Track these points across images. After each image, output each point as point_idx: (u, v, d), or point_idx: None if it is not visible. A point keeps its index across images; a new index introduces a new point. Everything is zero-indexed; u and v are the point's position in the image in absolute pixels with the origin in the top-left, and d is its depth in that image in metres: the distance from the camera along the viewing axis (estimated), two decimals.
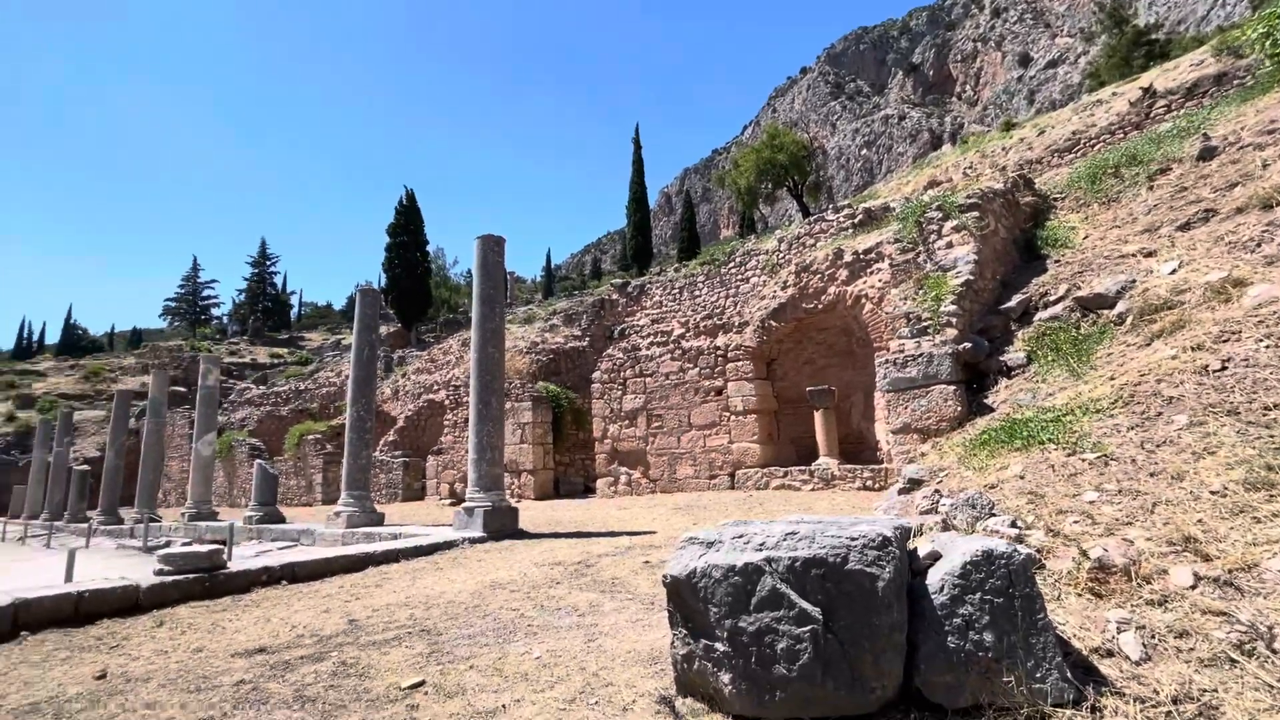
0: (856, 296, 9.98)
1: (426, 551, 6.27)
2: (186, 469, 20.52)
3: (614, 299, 19.86)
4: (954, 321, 7.26)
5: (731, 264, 16.80)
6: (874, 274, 9.83)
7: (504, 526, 7.47)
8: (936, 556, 2.21)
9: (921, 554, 2.23)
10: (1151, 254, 6.66)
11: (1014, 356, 6.69)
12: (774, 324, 10.95)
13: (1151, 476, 3.11)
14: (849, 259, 10.24)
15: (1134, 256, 6.84)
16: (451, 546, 6.53)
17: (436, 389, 18.69)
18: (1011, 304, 7.62)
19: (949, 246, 8.47)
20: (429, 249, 41.94)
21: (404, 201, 40.31)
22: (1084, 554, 2.59)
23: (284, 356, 49.85)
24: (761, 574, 2.07)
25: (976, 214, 8.53)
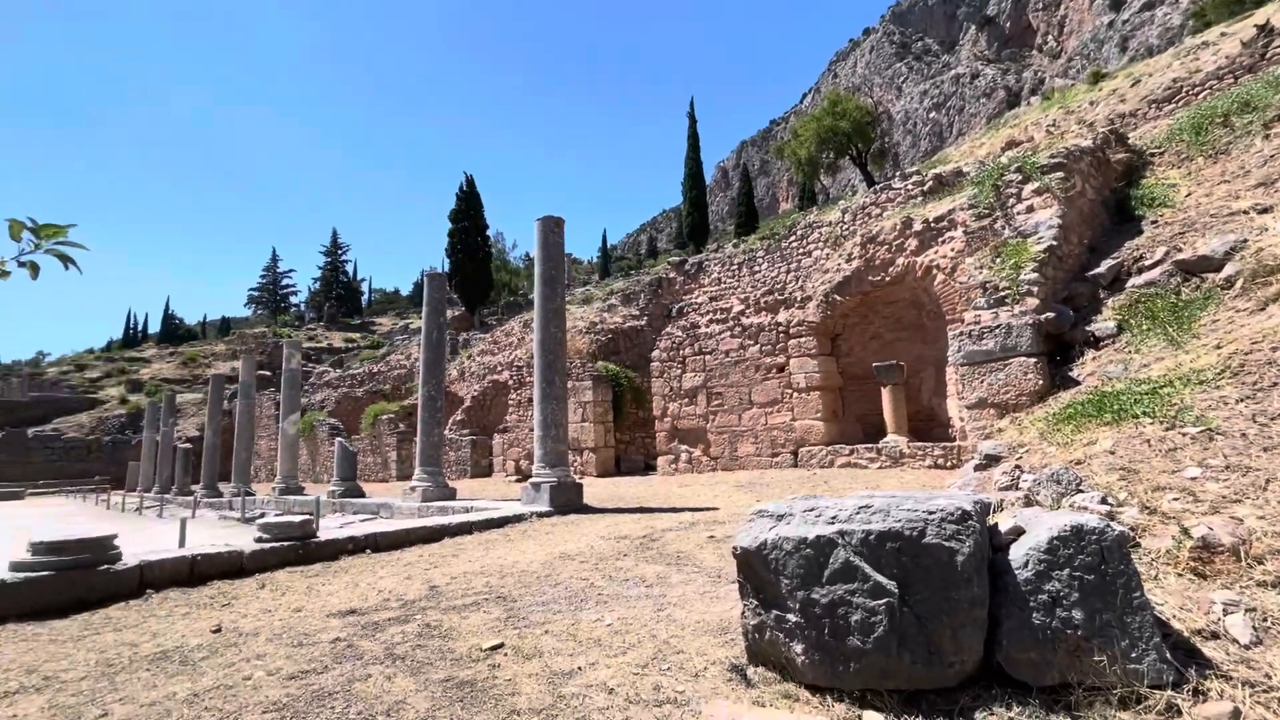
0: (927, 267, 9.55)
1: (497, 524, 6.52)
2: (274, 447, 22.05)
3: (671, 277, 19.77)
4: (1035, 290, 6.85)
5: (792, 237, 16.37)
6: (946, 243, 9.38)
7: (569, 501, 7.67)
8: (1019, 532, 2.13)
9: (1003, 529, 2.15)
10: (1267, 210, 6.05)
11: (1103, 326, 6.26)
12: (838, 298, 10.64)
13: (1265, 452, 2.87)
14: (918, 228, 9.80)
15: (1246, 214, 6.24)
16: (520, 520, 6.76)
17: (500, 370, 19.22)
18: (1100, 270, 7.11)
19: (1029, 211, 7.97)
20: (489, 233, 42.86)
21: (464, 188, 41.25)
22: (1185, 532, 2.43)
23: (357, 341, 52.56)
24: (834, 546, 2.05)
25: (1061, 174, 7.96)
